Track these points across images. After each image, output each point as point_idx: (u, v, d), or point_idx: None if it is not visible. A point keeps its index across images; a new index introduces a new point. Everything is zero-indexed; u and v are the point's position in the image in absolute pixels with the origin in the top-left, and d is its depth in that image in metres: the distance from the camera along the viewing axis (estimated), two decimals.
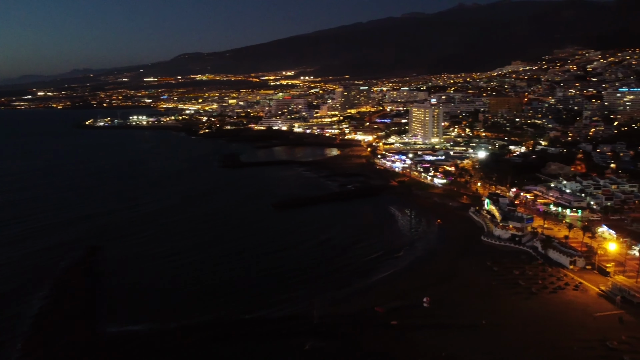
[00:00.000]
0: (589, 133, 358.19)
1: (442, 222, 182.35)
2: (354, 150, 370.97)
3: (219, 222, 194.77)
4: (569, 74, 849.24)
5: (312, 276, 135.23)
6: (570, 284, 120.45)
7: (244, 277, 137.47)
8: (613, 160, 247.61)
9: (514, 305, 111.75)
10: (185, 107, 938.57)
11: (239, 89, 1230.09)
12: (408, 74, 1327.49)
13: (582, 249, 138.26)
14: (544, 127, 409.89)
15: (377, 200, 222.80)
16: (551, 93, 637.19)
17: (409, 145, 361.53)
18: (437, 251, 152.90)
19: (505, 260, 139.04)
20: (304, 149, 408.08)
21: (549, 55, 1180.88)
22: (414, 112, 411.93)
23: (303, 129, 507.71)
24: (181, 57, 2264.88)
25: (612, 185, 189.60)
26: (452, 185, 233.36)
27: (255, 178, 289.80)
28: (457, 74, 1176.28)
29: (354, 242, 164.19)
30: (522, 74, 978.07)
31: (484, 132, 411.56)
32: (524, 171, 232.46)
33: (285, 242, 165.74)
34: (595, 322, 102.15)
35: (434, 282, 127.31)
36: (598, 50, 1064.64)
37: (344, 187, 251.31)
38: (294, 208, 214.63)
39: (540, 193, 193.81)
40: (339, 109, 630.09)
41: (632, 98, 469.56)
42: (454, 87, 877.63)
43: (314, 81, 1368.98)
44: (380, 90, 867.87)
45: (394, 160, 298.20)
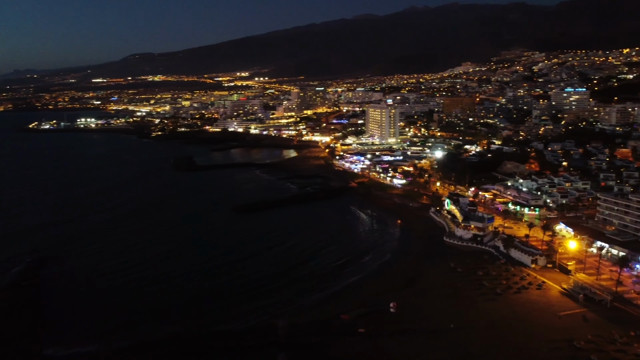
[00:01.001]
0: (539, 132, 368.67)
1: (403, 223, 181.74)
2: (311, 152, 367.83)
3: (176, 230, 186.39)
4: (517, 74, 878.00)
5: (275, 285, 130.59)
6: (533, 284, 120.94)
7: (204, 288, 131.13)
8: (564, 158, 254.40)
9: (480, 307, 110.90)
10: (136, 109, 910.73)
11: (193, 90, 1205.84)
12: (362, 75, 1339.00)
13: (543, 247, 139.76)
14: (496, 126, 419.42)
15: (337, 202, 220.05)
16: (501, 93, 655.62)
17: (366, 146, 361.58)
18: (400, 254, 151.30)
19: (468, 260, 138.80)
20: (261, 151, 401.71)
21: (497, 57, 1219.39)
22: (371, 113, 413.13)
23: (259, 131, 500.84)
24: (131, 58, 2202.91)
25: (566, 183, 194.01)
26: (412, 185, 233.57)
27: (213, 182, 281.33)
28: (410, 74, 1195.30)
29: (316, 247, 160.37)
30: (472, 74, 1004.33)
31: (439, 132, 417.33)
32: (481, 170, 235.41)
33: (246, 250, 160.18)
34: (561, 321, 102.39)
35: (399, 286, 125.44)
36: (542, 52, 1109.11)
37: (304, 190, 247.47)
38: (254, 212, 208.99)
39: (499, 192, 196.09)
40: (295, 110, 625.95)
41: (577, 98, 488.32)
42: (407, 87, 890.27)
43: (269, 82, 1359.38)
44: (335, 91, 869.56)
45: (353, 161, 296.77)
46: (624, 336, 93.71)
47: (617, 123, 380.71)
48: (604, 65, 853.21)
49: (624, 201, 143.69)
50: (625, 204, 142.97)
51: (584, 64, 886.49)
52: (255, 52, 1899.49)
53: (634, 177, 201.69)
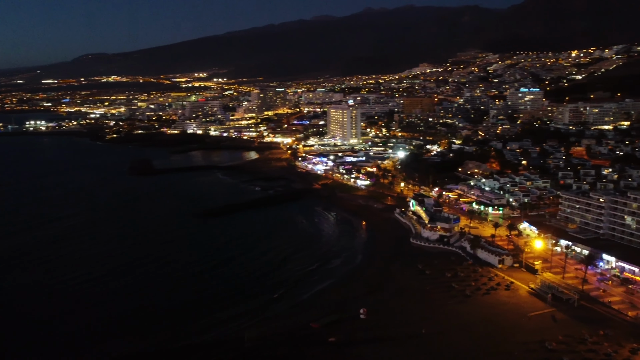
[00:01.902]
0: (497, 131, 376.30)
1: (369, 225, 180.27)
2: (273, 153, 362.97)
3: (135, 240, 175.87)
4: (473, 75, 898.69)
5: (242, 294, 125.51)
6: (501, 284, 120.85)
7: (167, 301, 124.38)
8: (523, 157, 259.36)
9: (450, 310, 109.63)
10: (89, 111, 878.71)
11: (149, 91, 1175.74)
12: (322, 76, 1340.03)
13: (509, 247, 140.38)
14: (455, 126, 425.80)
15: (301, 205, 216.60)
16: (458, 93, 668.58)
17: (328, 147, 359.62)
18: (367, 257, 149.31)
19: (436, 262, 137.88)
20: (222, 153, 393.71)
21: (453, 58, 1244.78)
22: (332, 114, 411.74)
23: (219, 132, 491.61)
24: (84, 58, 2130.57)
25: (527, 181, 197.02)
26: (376, 186, 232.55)
27: (173, 186, 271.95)
28: (369, 75, 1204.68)
29: (283, 253, 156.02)
30: (429, 75, 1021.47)
31: (400, 132, 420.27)
32: (444, 170, 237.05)
33: (209, 257, 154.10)
34: (531, 322, 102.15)
35: (368, 290, 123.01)
36: (496, 53, 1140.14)
37: (267, 192, 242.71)
38: (218, 217, 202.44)
39: (462, 192, 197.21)
40: (255, 111, 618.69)
41: (531, 98, 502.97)
42: (367, 88, 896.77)
43: (228, 83, 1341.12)
44: (295, 91, 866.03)
45: (316, 162, 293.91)
46: (594, 335, 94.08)
47: (570, 122, 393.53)
48: (555, 67, 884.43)
49: (585, 199, 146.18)
50: (586, 202, 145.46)
51: (536, 65, 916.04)
52: (213, 53, 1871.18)
53: (590, 175, 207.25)
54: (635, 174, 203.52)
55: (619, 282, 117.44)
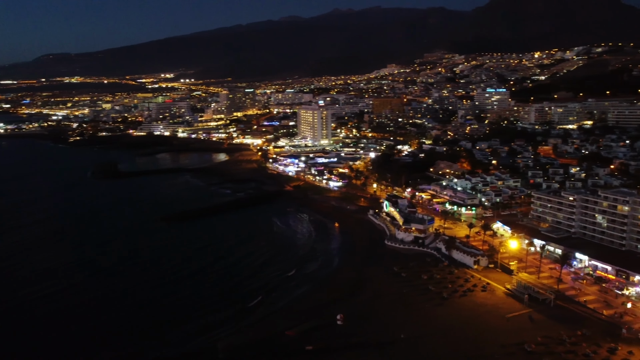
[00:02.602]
0: (466, 131, 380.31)
1: (343, 227, 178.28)
2: (243, 155, 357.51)
3: (101, 248, 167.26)
4: (440, 76, 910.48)
5: (215, 303, 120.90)
6: (478, 285, 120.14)
7: (136, 311, 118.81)
8: (493, 157, 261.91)
9: (428, 313, 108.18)
10: (51, 113, 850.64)
11: (114, 92, 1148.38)
12: (290, 77, 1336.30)
13: (484, 247, 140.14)
14: (424, 126, 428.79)
15: (273, 207, 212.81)
16: (427, 94, 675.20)
17: (299, 148, 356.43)
18: (342, 260, 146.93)
19: (411, 264, 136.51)
20: (190, 155, 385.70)
21: (420, 59, 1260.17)
22: (302, 114, 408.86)
23: (188, 134, 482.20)
24: (45, 58, 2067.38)
25: (499, 181, 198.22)
26: (348, 187, 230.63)
27: (140, 190, 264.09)
28: (337, 76, 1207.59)
29: (254, 258, 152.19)
30: (397, 76, 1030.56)
31: (370, 133, 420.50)
32: (416, 170, 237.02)
33: (178, 264, 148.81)
34: (509, 324, 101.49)
35: (344, 295, 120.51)
36: (462, 54, 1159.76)
37: (238, 195, 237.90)
38: (185, 221, 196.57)
39: (435, 192, 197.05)
40: (224, 112, 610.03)
41: (498, 98, 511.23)
42: (336, 89, 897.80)
43: (195, 84, 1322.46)
44: (264, 92, 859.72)
45: (287, 164, 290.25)
46: (572, 336, 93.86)
47: (536, 122, 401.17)
48: (519, 67, 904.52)
49: (557, 198, 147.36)
50: (558, 201, 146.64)
51: (501, 66, 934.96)
52: (180, 53, 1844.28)
53: (559, 174, 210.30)
54: (601, 172, 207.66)
55: (593, 281, 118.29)
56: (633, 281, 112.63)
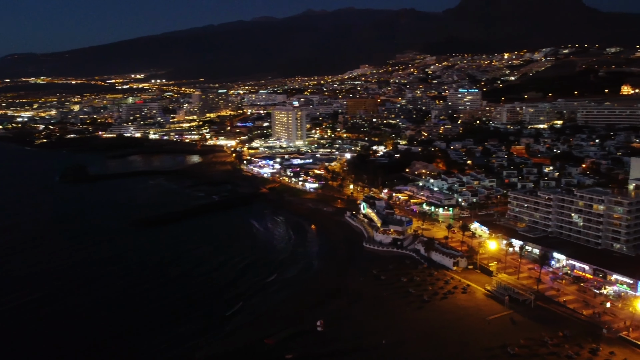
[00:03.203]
0: (440, 131, 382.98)
1: (320, 229, 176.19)
2: (217, 157, 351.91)
3: (72, 257, 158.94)
4: (413, 76, 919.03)
5: (190, 311, 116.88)
6: (458, 287, 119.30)
7: (110, 321, 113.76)
8: (467, 157, 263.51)
9: (410, 317, 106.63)
10: (17, 114, 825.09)
11: (82, 93, 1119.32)
12: (264, 77, 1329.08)
13: (463, 248, 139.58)
14: (399, 126, 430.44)
15: (249, 210, 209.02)
16: (400, 94, 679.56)
17: (274, 149, 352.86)
18: (321, 264, 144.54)
19: (390, 267, 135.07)
20: (163, 157, 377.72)
21: (393, 60, 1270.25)
22: (277, 115, 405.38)
23: (159, 136, 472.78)
24: (9, 58, 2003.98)
25: (474, 181, 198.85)
26: (325, 189, 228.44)
27: (111, 193, 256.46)
28: (311, 76, 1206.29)
29: (232, 263, 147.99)
30: (370, 76, 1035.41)
31: (345, 134, 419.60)
32: (392, 171, 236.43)
33: (153, 272, 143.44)
34: (491, 326, 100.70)
35: (323, 300, 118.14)
36: (433, 55, 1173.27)
37: (212, 198, 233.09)
38: (158, 226, 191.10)
39: (412, 193, 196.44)
40: (197, 113, 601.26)
41: (470, 98, 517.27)
42: (309, 89, 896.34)
43: (167, 84, 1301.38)
44: (237, 93, 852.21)
45: (262, 165, 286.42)
46: (554, 337, 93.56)
47: (508, 122, 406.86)
48: (489, 68, 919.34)
49: (533, 198, 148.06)
50: (535, 200, 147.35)
51: (472, 66, 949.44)
52: (150, 54, 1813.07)
53: (533, 173, 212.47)
54: (574, 171, 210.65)
55: (571, 281, 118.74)
56: (610, 280, 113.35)
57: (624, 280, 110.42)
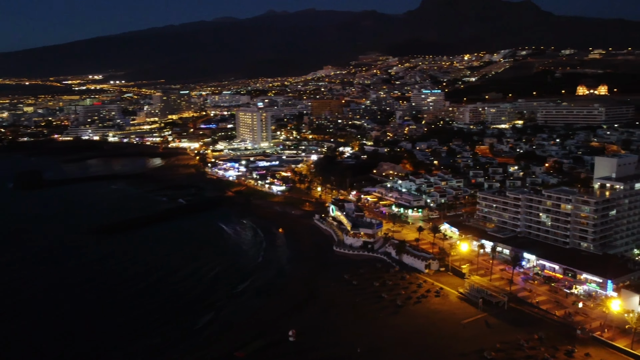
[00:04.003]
0: (405, 132, 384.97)
1: (289, 233, 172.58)
2: (180, 159, 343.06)
3: (27, 269, 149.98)
4: (376, 77, 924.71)
5: (158, 324, 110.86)
6: (431, 291, 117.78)
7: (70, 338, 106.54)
8: (433, 157, 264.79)
9: (384, 323, 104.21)
10: None
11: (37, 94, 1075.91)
12: (226, 78, 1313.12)
13: (434, 250, 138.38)
14: (364, 127, 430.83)
15: (215, 215, 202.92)
16: (364, 95, 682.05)
17: (239, 151, 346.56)
18: (291, 269, 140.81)
19: (362, 271, 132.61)
20: (123, 161, 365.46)
21: (356, 61, 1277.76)
22: (241, 117, 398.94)
23: (119, 138, 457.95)
24: None
25: (442, 182, 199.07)
26: (292, 192, 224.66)
27: (67, 199, 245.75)
28: (274, 77, 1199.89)
29: (200, 271, 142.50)
30: (334, 77, 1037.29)
31: (310, 135, 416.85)
32: (359, 172, 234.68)
33: (119, 283, 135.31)
34: (466, 330, 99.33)
35: (295, 307, 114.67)
36: (396, 57, 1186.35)
37: (176, 202, 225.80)
38: (120, 232, 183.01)
39: (381, 194, 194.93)
40: (158, 115, 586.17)
41: (433, 99, 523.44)
42: (273, 90, 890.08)
43: (127, 85, 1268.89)
44: (200, 94, 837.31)
45: (227, 168, 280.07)
46: (530, 340, 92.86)
47: (471, 122, 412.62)
48: (450, 69, 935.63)
49: (502, 198, 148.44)
50: (503, 201, 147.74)
51: (433, 67, 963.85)
52: (109, 54, 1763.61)
53: (498, 173, 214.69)
54: (538, 170, 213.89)
55: (543, 281, 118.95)
56: (580, 279, 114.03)
57: (594, 280, 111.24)
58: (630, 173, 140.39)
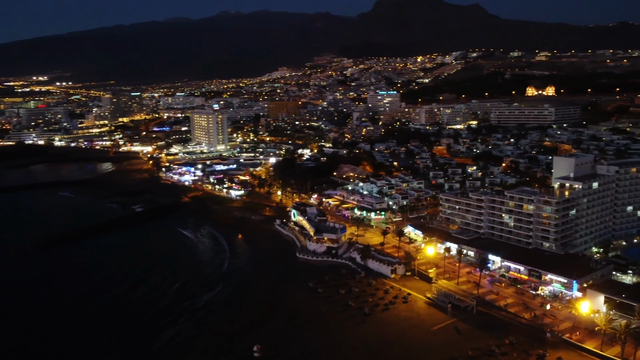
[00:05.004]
0: (362, 133, 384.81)
1: (250, 239, 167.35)
2: (132, 164, 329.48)
3: None
4: (332, 79, 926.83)
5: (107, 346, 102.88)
6: (399, 297, 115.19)
7: None
8: (392, 158, 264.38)
9: (352, 333, 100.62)
10: None
11: None
12: (179, 80, 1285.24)
13: (400, 254, 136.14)
14: (322, 129, 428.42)
15: (170, 222, 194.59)
16: (321, 97, 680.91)
17: (194, 155, 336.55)
18: (254, 278, 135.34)
19: (327, 278, 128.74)
20: (71, 166, 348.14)
21: (311, 62, 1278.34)
22: (196, 119, 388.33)
23: (66, 143, 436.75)
24: None
25: (403, 183, 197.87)
26: (251, 196, 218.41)
27: (10, 208, 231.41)
28: (229, 79, 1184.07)
29: (153, 283, 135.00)
30: (289, 79, 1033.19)
31: (268, 137, 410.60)
32: (319, 175, 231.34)
33: (63, 300, 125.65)
34: (436, 337, 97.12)
35: (259, 318, 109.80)
36: (350, 58, 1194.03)
37: (129, 210, 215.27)
38: (71, 243, 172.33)
39: (342, 197, 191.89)
40: (108, 117, 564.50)
41: (390, 100, 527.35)
42: (228, 92, 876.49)
43: (74, 87, 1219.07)
44: (152, 96, 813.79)
45: (182, 172, 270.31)
46: (501, 345, 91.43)
47: (427, 122, 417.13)
48: (404, 71, 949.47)
49: (465, 200, 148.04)
50: (466, 202, 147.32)
51: (388, 69, 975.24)
52: (54, 54, 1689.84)
53: (458, 173, 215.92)
54: (496, 170, 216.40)
55: (509, 283, 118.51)
56: (545, 280, 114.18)
57: (559, 280, 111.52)
58: (587, 172, 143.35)
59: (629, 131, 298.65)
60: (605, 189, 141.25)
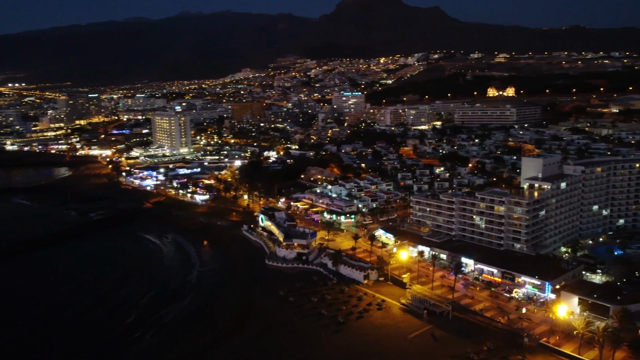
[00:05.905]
0: (328, 134, 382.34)
1: (216, 246, 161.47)
2: (90, 168, 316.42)
3: None
4: (296, 80, 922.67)
5: None
6: (373, 304, 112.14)
7: None
8: (360, 160, 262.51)
9: (326, 343, 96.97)
10: None
11: None
12: (140, 81, 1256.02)
13: (372, 259, 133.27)
14: (287, 130, 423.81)
15: (132, 229, 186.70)
16: (285, 98, 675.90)
17: (156, 158, 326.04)
18: (221, 288, 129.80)
19: (298, 285, 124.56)
20: (24, 172, 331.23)
21: (274, 63, 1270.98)
22: (157, 122, 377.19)
23: (19, 147, 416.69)
24: None
25: (372, 185, 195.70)
26: (217, 201, 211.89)
27: None
28: (191, 80, 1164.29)
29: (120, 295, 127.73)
30: (253, 80, 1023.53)
31: (232, 139, 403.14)
32: (287, 178, 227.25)
33: (21, 318, 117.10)
34: (413, 346, 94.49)
35: (228, 331, 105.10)
36: (313, 59, 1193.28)
37: (87, 217, 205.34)
38: (23, 254, 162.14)
39: (311, 201, 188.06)
40: (64, 120, 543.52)
41: (354, 101, 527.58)
42: (191, 93, 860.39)
43: (27, 89, 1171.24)
44: (110, 98, 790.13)
45: (144, 177, 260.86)
46: (480, 352, 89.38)
47: (392, 124, 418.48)
48: (368, 72, 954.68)
49: (436, 202, 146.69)
50: (437, 204, 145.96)
51: (351, 70, 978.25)
52: (6, 55, 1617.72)
53: (425, 174, 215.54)
54: (463, 171, 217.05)
55: (483, 286, 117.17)
56: (519, 282, 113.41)
57: (532, 282, 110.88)
58: (554, 173, 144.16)
59: (587, 131, 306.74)
60: (572, 189, 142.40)
